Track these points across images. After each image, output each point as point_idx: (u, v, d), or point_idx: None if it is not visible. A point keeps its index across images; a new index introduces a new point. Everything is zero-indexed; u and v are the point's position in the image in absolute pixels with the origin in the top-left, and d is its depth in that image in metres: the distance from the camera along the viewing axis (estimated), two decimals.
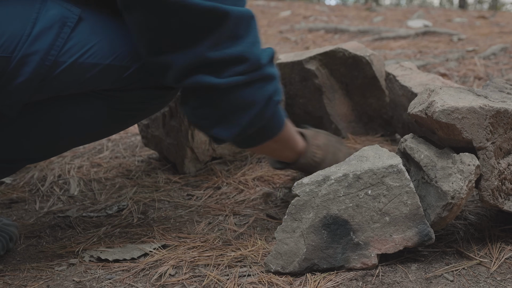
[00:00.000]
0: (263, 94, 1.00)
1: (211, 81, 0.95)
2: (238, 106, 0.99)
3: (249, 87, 0.98)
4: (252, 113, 1.00)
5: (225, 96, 0.98)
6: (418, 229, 0.95)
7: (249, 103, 0.99)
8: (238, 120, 1.00)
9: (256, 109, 1.00)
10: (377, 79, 1.68)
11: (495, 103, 0.98)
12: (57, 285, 1.00)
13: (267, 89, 1.01)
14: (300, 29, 4.81)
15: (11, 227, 1.14)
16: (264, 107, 1.01)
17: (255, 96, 1.00)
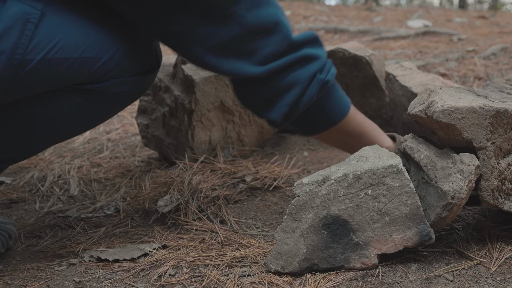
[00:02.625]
0: (305, 74, 1.02)
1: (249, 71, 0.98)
2: (280, 89, 1.02)
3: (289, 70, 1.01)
4: (295, 93, 1.02)
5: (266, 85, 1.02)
6: (418, 229, 0.95)
7: (291, 84, 1.02)
8: (283, 101, 1.03)
9: (299, 89, 1.02)
10: (377, 79, 1.68)
11: (495, 103, 0.98)
12: (57, 285, 1.00)
13: (308, 69, 1.02)
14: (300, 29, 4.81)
15: (9, 225, 1.14)
16: (307, 85, 1.02)
17: (297, 78, 1.02)
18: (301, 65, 1.02)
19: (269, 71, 0.99)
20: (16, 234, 1.16)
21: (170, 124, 1.53)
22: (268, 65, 0.99)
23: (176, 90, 1.50)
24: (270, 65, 0.99)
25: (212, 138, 1.55)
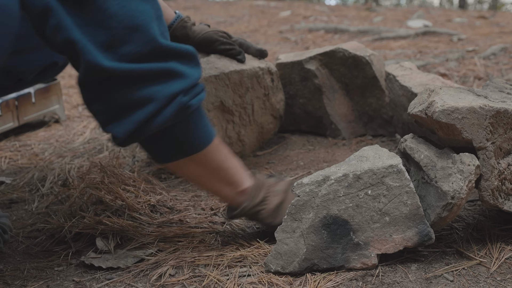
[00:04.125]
0: (164, 91, 0.89)
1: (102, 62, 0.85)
2: (133, 101, 0.89)
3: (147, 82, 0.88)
4: (148, 110, 0.89)
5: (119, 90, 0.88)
6: (418, 229, 0.95)
7: (146, 99, 0.88)
8: (133, 117, 0.89)
9: (153, 107, 0.89)
10: (377, 79, 1.68)
11: (495, 103, 0.98)
12: (57, 285, 1.00)
13: (170, 87, 0.90)
14: (300, 29, 4.81)
15: (2, 219, 1.14)
16: (164, 105, 0.89)
17: (154, 94, 0.89)
18: (163, 80, 0.90)
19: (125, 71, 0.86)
20: (10, 227, 1.15)
21: None
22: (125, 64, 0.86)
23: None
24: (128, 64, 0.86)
25: None
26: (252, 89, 1.58)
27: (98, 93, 0.90)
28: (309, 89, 1.75)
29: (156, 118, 0.90)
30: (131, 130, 0.90)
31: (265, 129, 1.69)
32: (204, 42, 1.48)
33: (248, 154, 1.67)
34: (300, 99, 1.79)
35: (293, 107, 1.81)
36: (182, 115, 0.93)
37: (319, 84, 1.73)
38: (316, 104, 1.77)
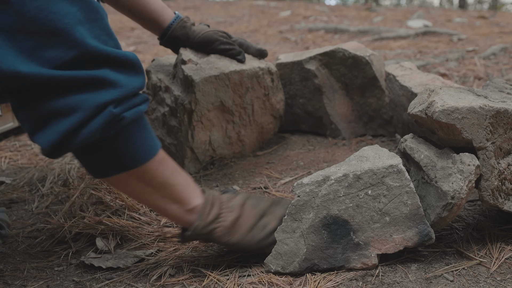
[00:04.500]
0: (92, 100, 0.81)
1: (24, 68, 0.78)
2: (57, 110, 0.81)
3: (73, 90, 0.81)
4: (72, 121, 0.81)
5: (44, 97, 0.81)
6: (418, 229, 0.95)
7: (71, 108, 0.81)
8: (56, 127, 0.81)
9: (78, 117, 0.81)
10: (377, 79, 1.68)
11: (495, 103, 0.98)
12: (57, 285, 1.00)
13: (99, 96, 0.81)
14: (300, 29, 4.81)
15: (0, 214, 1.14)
16: (92, 116, 0.81)
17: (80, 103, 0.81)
18: (91, 88, 0.81)
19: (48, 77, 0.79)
20: (8, 222, 1.15)
21: (170, 124, 1.53)
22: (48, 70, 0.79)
23: (176, 90, 1.50)
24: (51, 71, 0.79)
25: (212, 138, 1.55)
26: (252, 89, 1.58)
27: (23, 101, 0.83)
28: (309, 89, 1.75)
29: (83, 129, 0.82)
30: (55, 141, 0.82)
31: (265, 129, 1.69)
32: (204, 42, 1.48)
33: (248, 154, 1.67)
34: (300, 99, 1.79)
35: (293, 107, 1.81)
36: (113, 127, 0.84)
37: (319, 84, 1.73)
38: (316, 104, 1.77)
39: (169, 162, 0.95)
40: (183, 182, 0.96)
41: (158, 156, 0.92)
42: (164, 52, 3.99)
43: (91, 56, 0.81)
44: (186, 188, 0.96)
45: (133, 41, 4.94)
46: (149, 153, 0.90)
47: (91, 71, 0.81)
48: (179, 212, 0.97)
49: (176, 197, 0.95)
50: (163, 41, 1.49)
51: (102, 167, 0.90)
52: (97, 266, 1.04)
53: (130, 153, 0.88)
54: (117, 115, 0.83)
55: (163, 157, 0.93)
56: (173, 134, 1.54)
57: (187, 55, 1.48)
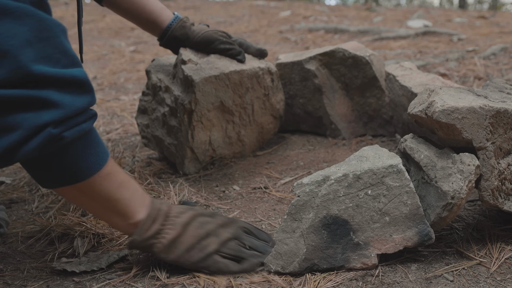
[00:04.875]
0: (31, 121, 0.82)
1: None
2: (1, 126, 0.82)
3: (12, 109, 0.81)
4: (12, 138, 0.82)
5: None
6: (418, 229, 0.95)
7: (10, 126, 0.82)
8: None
9: (17, 136, 0.82)
10: (377, 79, 1.68)
11: (495, 103, 0.98)
12: (57, 285, 1.00)
13: (38, 117, 0.82)
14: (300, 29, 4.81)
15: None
16: (30, 135, 0.82)
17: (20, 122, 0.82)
18: (32, 108, 0.82)
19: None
20: (7, 220, 1.15)
21: (170, 124, 1.53)
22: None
23: (176, 90, 1.50)
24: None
25: (212, 138, 1.55)
26: (252, 89, 1.58)
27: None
28: (309, 89, 1.75)
29: (23, 147, 0.83)
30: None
31: (265, 129, 1.69)
32: (204, 42, 1.48)
33: (248, 154, 1.67)
34: (300, 99, 1.79)
35: (293, 107, 1.81)
36: (52, 146, 0.85)
37: (319, 84, 1.73)
38: (316, 104, 1.77)
39: (116, 176, 0.96)
40: (129, 197, 0.98)
41: (102, 171, 0.93)
42: (164, 52, 4.00)
43: (35, 78, 0.81)
44: (130, 203, 0.98)
45: (133, 41, 4.94)
46: (92, 169, 0.92)
47: (33, 90, 0.81)
48: (121, 224, 0.99)
49: (119, 211, 0.97)
50: (162, 42, 1.49)
51: (45, 179, 0.92)
52: (70, 271, 1.03)
53: (72, 169, 0.90)
54: (56, 135, 0.84)
55: (109, 172, 0.94)
56: (173, 134, 1.55)
57: (187, 55, 1.48)
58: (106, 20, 6.34)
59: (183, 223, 1.00)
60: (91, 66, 3.75)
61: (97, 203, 0.96)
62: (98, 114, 2.38)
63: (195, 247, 1.00)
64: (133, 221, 0.98)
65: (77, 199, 0.96)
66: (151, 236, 0.98)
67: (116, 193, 0.96)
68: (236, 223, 1.06)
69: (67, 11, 7.13)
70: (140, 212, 0.99)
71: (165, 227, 0.99)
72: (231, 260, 1.00)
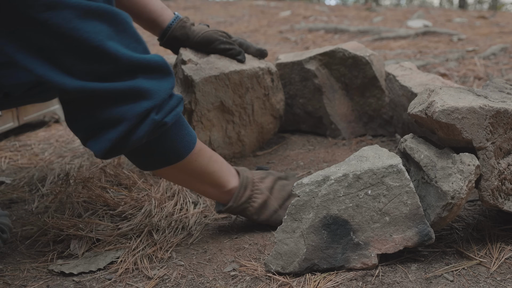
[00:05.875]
0: (134, 111, 0.90)
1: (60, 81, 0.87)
2: (104, 122, 0.91)
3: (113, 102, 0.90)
4: (120, 130, 0.91)
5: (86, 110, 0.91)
6: (418, 229, 0.95)
7: (116, 119, 0.91)
8: (107, 135, 0.92)
9: (125, 126, 0.90)
10: (377, 79, 1.68)
11: (495, 103, 0.98)
12: (57, 285, 1.00)
13: (139, 106, 0.91)
14: (300, 29, 4.81)
15: (2, 218, 1.15)
16: (137, 124, 0.91)
17: (124, 114, 0.90)
18: (129, 100, 0.90)
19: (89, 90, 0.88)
20: (10, 226, 1.16)
21: None
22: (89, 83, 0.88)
23: (176, 90, 1.50)
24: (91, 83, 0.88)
25: (212, 138, 1.55)
26: (252, 89, 1.58)
27: (73, 112, 0.94)
28: (309, 89, 1.75)
29: (131, 136, 0.92)
30: (108, 148, 0.93)
31: (265, 129, 1.69)
32: (204, 42, 1.48)
33: (248, 154, 1.67)
34: (300, 99, 1.79)
35: (293, 107, 1.81)
36: (158, 132, 0.95)
37: (319, 84, 1.73)
38: (316, 104, 1.77)
39: (206, 152, 1.07)
40: (219, 169, 1.10)
41: (196, 148, 1.03)
42: (164, 52, 3.99)
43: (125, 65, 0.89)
44: (222, 174, 1.10)
45: None
46: (188, 148, 1.02)
47: (127, 81, 0.89)
48: (217, 194, 1.12)
49: (214, 182, 1.09)
50: (162, 42, 1.49)
51: (148, 163, 1.02)
52: (68, 273, 1.03)
53: (172, 150, 1.00)
54: (159, 121, 0.93)
55: (200, 148, 1.05)
56: None
57: (187, 55, 1.48)
58: None
59: (268, 188, 1.15)
60: None
61: (194, 178, 1.07)
62: None
63: (281, 207, 1.14)
64: (226, 189, 1.11)
65: (176, 177, 1.07)
66: (244, 202, 1.12)
67: (208, 167, 1.07)
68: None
69: None
70: (231, 181, 1.12)
71: (254, 193, 1.13)
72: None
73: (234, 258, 1.05)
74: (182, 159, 1.02)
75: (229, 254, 1.08)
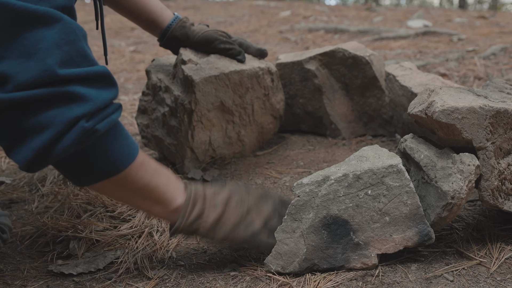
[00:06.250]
0: (62, 116, 0.82)
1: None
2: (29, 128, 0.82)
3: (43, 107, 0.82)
4: (45, 137, 0.82)
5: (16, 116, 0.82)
6: (418, 229, 0.95)
7: (42, 125, 0.82)
8: (31, 144, 0.82)
9: (50, 133, 0.82)
10: (377, 79, 1.68)
11: (495, 103, 0.98)
12: (57, 285, 1.00)
13: (69, 111, 0.82)
14: (300, 29, 4.81)
15: (2, 218, 1.14)
16: (62, 132, 0.82)
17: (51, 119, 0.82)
18: (61, 104, 0.82)
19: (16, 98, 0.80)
20: (10, 226, 1.15)
21: (170, 124, 1.53)
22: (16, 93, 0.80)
23: (176, 90, 1.50)
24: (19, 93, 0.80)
25: (212, 138, 1.55)
26: (252, 89, 1.58)
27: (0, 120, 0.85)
28: (309, 89, 1.75)
29: (57, 145, 0.83)
30: (30, 158, 0.83)
31: (265, 129, 1.69)
32: (204, 42, 1.48)
33: (248, 154, 1.67)
34: (300, 99, 1.79)
35: (293, 107, 1.81)
36: (87, 140, 0.86)
37: (319, 84, 1.73)
38: (316, 104, 1.77)
39: (149, 165, 0.96)
40: (164, 183, 0.97)
41: (136, 161, 0.92)
42: (164, 52, 3.99)
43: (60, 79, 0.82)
44: (167, 189, 0.97)
45: (133, 41, 4.94)
46: (126, 160, 0.91)
47: (59, 87, 0.82)
48: (164, 212, 0.98)
49: (159, 199, 0.97)
50: (162, 42, 1.49)
51: (81, 176, 0.91)
52: (67, 274, 1.03)
53: (107, 162, 0.90)
54: (89, 129, 0.84)
55: (142, 161, 0.94)
56: (173, 134, 1.54)
57: (187, 55, 1.48)
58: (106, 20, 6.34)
59: (223, 202, 1.00)
60: None
61: (135, 194, 0.95)
62: None
63: (240, 224, 0.99)
64: (173, 206, 0.98)
65: (115, 193, 0.96)
66: (194, 220, 0.98)
67: (152, 181, 0.95)
68: (272, 195, 1.05)
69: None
70: (178, 197, 0.98)
71: (206, 209, 0.99)
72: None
73: (234, 258, 1.05)
74: (120, 172, 0.91)
75: (229, 254, 1.08)
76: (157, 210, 0.98)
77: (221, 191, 1.02)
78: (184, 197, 0.98)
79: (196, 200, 0.99)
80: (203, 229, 0.98)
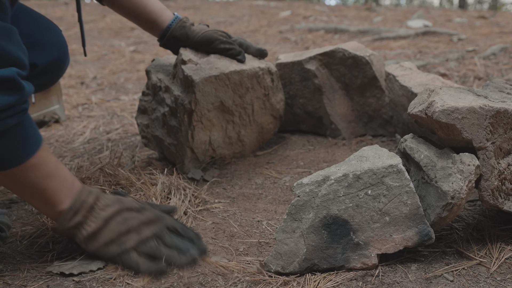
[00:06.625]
0: None
1: None
2: None
3: None
4: None
5: None
6: (418, 229, 0.95)
7: None
8: None
9: None
10: (377, 79, 1.68)
11: (495, 103, 0.98)
12: (57, 285, 1.00)
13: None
14: (300, 29, 4.81)
15: (0, 216, 1.14)
16: None
17: None
18: None
19: None
20: (9, 224, 1.15)
21: (170, 124, 1.53)
22: None
23: (176, 90, 1.50)
24: None
25: (212, 138, 1.55)
26: (252, 89, 1.58)
27: None
28: (309, 89, 1.75)
29: None
30: None
31: (265, 129, 1.69)
32: (204, 42, 1.48)
33: (248, 154, 1.67)
34: (300, 99, 1.79)
35: (293, 107, 1.81)
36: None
37: (319, 84, 1.73)
38: (316, 104, 1.77)
39: (44, 168, 1.00)
40: (53, 187, 1.01)
41: (28, 163, 0.97)
42: (164, 52, 4.00)
43: None
44: (56, 193, 1.01)
45: (133, 41, 4.94)
46: (16, 160, 0.96)
47: None
48: (48, 212, 1.04)
49: (45, 200, 1.02)
50: (162, 42, 1.49)
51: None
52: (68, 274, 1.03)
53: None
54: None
55: (36, 163, 0.98)
56: (173, 134, 1.54)
57: (187, 55, 1.48)
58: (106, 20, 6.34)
59: (106, 218, 1.02)
60: (91, 66, 3.75)
61: (24, 190, 1.01)
62: (98, 114, 2.38)
63: (114, 242, 1.01)
64: (58, 210, 1.02)
65: (6, 184, 1.01)
66: (72, 227, 1.02)
67: (41, 183, 1.00)
68: (162, 220, 1.04)
69: (67, 11, 7.13)
70: (64, 202, 1.02)
71: (88, 219, 1.02)
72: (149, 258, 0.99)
73: (234, 258, 1.05)
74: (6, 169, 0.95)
75: (229, 254, 1.08)
76: (43, 209, 1.04)
77: (111, 207, 1.04)
78: (69, 204, 1.02)
79: (79, 209, 1.02)
80: (80, 237, 1.03)
